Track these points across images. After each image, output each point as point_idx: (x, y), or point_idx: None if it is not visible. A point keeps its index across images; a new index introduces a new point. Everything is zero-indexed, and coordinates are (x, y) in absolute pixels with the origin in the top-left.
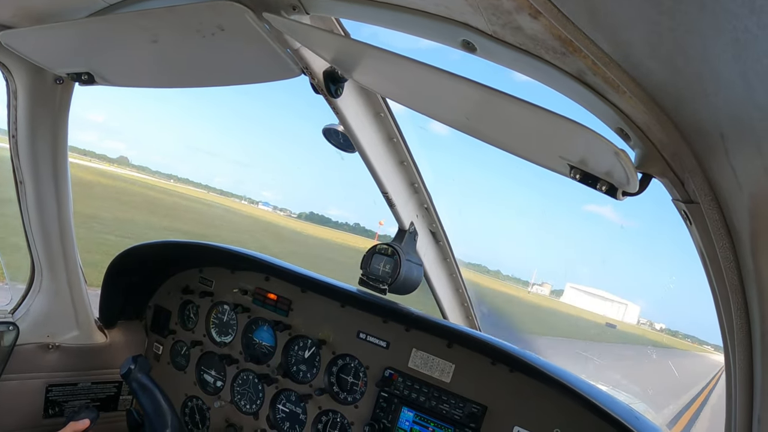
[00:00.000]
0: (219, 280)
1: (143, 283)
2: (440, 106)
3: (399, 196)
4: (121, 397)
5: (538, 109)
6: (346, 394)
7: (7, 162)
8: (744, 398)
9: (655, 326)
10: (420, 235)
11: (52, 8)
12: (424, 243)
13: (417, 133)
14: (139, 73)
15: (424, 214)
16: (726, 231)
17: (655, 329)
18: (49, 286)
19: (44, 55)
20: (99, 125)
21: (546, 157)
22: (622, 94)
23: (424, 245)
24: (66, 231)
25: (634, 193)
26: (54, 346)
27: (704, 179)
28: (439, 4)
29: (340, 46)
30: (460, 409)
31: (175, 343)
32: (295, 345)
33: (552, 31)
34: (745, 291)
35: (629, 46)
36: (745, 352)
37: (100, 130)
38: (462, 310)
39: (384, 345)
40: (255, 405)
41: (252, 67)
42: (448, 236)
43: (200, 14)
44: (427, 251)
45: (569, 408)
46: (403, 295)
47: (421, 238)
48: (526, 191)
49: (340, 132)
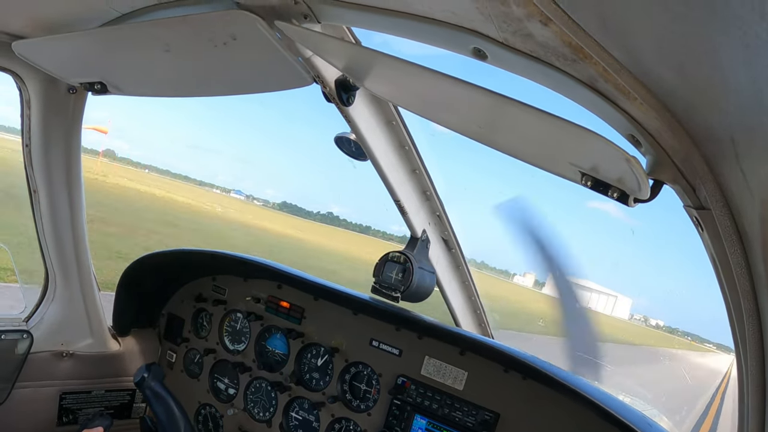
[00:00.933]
0: (232, 288)
1: (156, 291)
2: (452, 114)
3: (411, 204)
4: (134, 405)
5: (549, 116)
6: (358, 402)
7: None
8: (757, 403)
9: (651, 322)
10: (432, 242)
11: (65, 18)
12: (437, 251)
13: (428, 140)
14: (152, 82)
15: (437, 221)
16: (737, 237)
17: (651, 326)
18: (63, 294)
19: (57, 64)
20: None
21: (557, 165)
22: (633, 100)
23: (437, 253)
24: (79, 239)
25: (646, 199)
26: (68, 353)
27: (716, 185)
28: (450, 12)
29: (352, 54)
30: (473, 417)
31: (188, 351)
32: (308, 353)
33: (563, 38)
34: (757, 297)
35: (640, 52)
36: (758, 358)
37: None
38: (474, 317)
39: (397, 353)
40: (268, 413)
41: (264, 76)
42: (460, 244)
43: (212, 24)
44: (439, 259)
45: (582, 415)
46: (415, 302)
47: (433, 245)
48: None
49: (352, 140)
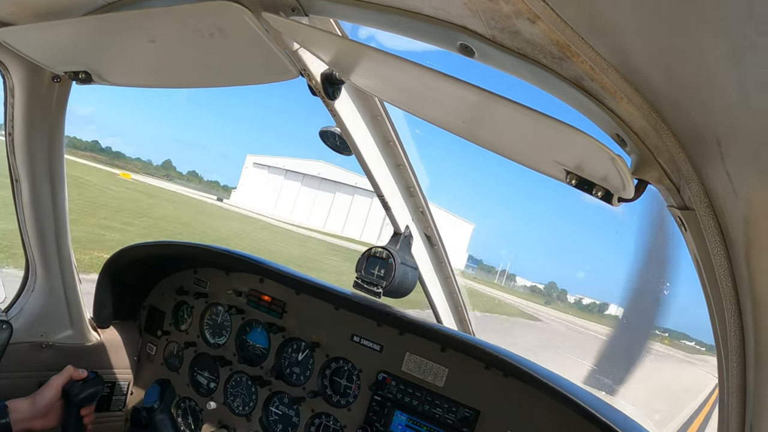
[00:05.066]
0: (214, 281)
1: (137, 283)
2: (436, 109)
3: (395, 200)
4: (114, 398)
5: (535, 113)
6: (339, 397)
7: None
8: (737, 404)
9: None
10: (415, 238)
11: (51, 5)
12: (419, 246)
13: (414, 136)
14: (137, 72)
15: (420, 217)
16: (721, 238)
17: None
18: (44, 285)
19: (42, 52)
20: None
21: (542, 162)
22: (619, 99)
23: (419, 249)
24: (61, 230)
25: (630, 199)
26: (47, 345)
27: (700, 186)
28: (438, 8)
29: (339, 48)
30: (453, 414)
31: (168, 344)
32: (288, 347)
33: (550, 35)
34: (739, 298)
35: (627, 52)
36: (739, 359)
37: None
38: (456, 314)
39: (378, 348)
40: (248, 407)
41: (250, 68)
42: (443, 240)
43: (199, 14)
44: (421, 255)
45: (564, 414)
46: (397, 298)
47: (416, 241)
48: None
49: (336, 134)
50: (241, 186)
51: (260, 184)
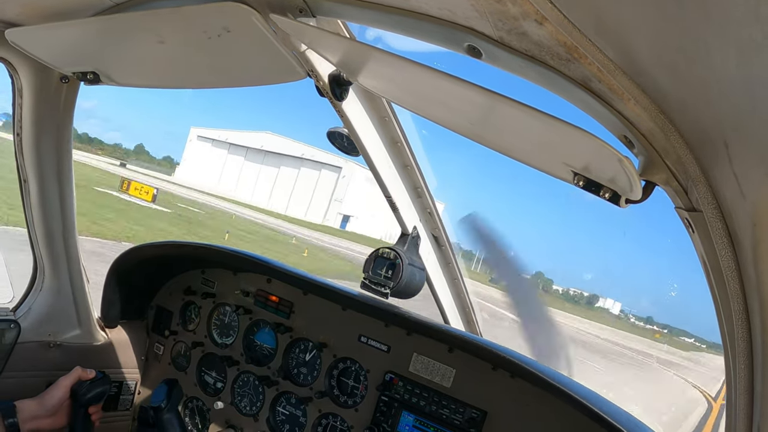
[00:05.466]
0: (221, 281)
1: (145, 283)
2: (444, 110)
3: (402, 200)
4: (121, 397)
5: (543, 115)
6: (346, 398)
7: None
8: (744, 406)
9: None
10: (423, 239)
11: (59, 6)
12: (427, 247)
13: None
14: (145, 73)
15: (427, 218)
16: (728, 239)
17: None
18: (51, 285)
19: (50, 53)
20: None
21: (550, 164)
22: (626, 101)
23: (427, 250)
24: (69, 230)
25: (637, 200)
26: (55, 344)
27: (707, 187)
28: (446, 9)
29: (346, 49)
30: (461, 414)
31: (176, 344)
32: (296, 347)
33: (558, 37)
34: (747, 299)
35: (634, 53)
36: (746, 361)
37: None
38: (464, 314)
39: (385, 349)
40: (255, 407)
41: (258, 69)
42: (450, 241)
43: (207, 15)
44: (429, 256)
45: (571, 416)
46: (404, 299)
47: (423, 242)
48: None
49: (344, 135)
50: (185, 162)
51: (204, 158)
